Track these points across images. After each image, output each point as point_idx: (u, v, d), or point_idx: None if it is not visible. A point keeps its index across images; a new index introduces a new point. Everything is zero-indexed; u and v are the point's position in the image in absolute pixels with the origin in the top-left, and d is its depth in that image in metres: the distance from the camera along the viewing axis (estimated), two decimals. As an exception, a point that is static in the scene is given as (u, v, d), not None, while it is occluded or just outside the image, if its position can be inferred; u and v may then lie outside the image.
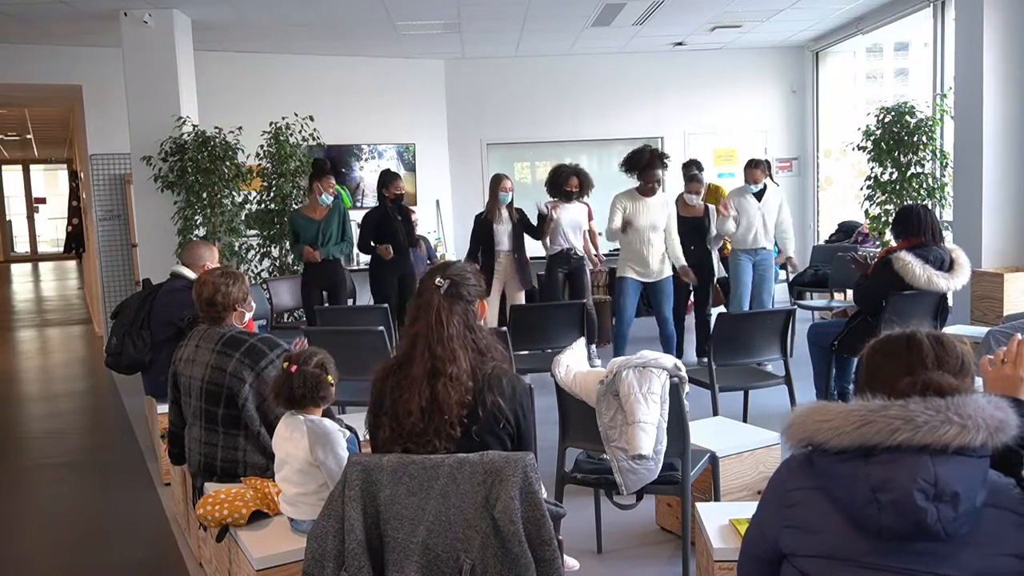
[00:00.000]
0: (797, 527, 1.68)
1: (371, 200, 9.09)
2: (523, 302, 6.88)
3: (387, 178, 7.02)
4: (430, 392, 2.23)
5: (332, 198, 6.77)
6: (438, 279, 2.33)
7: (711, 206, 6.98)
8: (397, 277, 6.91)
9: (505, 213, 6.88)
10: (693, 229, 6.78)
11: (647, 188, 6.35)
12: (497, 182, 6.90)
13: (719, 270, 7.64)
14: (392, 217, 6.90)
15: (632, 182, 6.52)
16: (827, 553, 1.63)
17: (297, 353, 2.82)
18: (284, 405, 2.77)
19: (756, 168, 6.80)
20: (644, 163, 6.32)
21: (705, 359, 6.77)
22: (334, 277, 6.77)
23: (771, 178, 6.99)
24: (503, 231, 6.86)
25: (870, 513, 1.56)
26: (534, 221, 7.04)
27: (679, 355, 6.98)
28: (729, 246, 7.74)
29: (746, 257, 6.84)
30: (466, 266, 2.43)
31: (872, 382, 1.72)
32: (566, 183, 6.99)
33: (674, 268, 6.58)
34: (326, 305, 6.73)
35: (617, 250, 6.87)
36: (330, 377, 2.78)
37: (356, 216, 8.10)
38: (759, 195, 6.76)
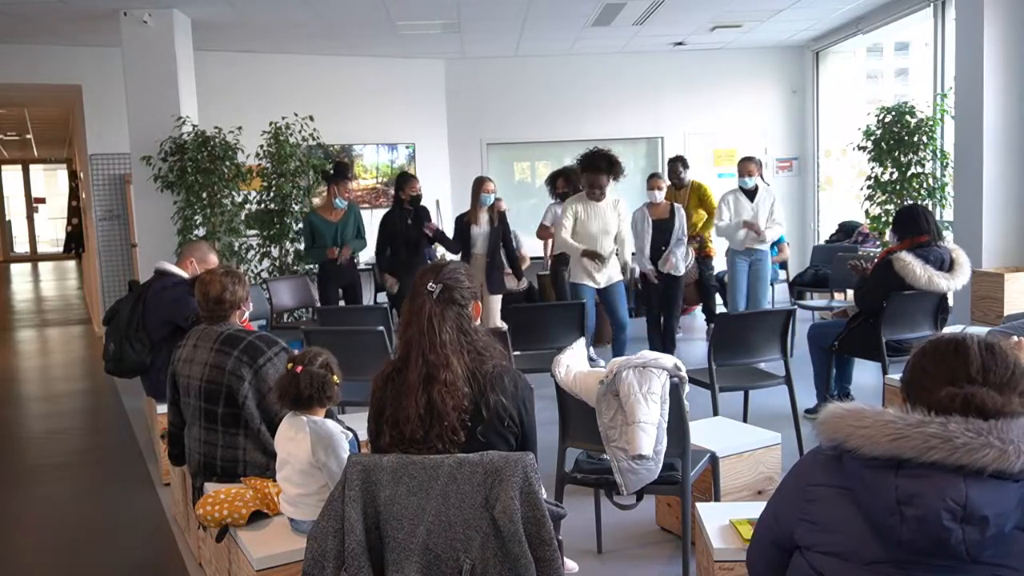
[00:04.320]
0: (814, 522, 1.67)
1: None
2: (498, 306, 6.78)
3: (402, 180, 7.01)
4: (427, 399, 2.21)
5: (346, 203, 6.86)
6: (430, 284, 2.30)
7: (677, 205, 6.92)
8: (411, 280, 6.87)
9: (485, 216, 6.82)
10: (662, 231, 6.72)
11: (591, 194, 6.13)
12: (480, 184, 6.85)
13: (694, 272, 7.62)
14: (402, 219, 6.87)
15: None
16: (842, 553, 1.62)
17: (301, 354, 2.82)
18: (289, 406, 2.77)
19: (750, 162, 6.78)
20: (592, 166, 6.08)
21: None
22: (351, 276, 6.90)
23: (763, 179, 6.97)
24: (479, 233, 6.80)
25: (892, 524, 1.53)
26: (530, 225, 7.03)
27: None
28: (711, 245, 7.75)
29: (741, 259, 6.82)
30: (459, 268, 2.39)
31: (913, 384, 1.68)
32: (556, 185, 7.07)
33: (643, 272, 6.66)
34: (341, 304, 6.79)
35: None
36: (335, 376, 2.79)
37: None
38: (751, 195, 6.73)
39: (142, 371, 4.70)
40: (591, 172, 6.09)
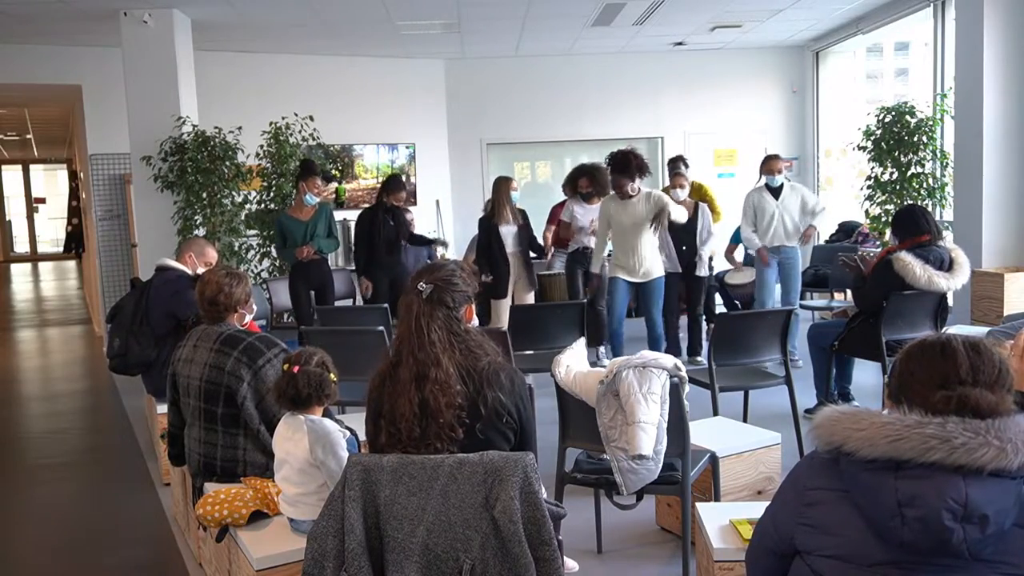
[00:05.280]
0: (814, 526, 1.67)
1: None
2: (532, 302, 6.86)
3: (391, 186, 6.98)
4: (420, 398, 2.21)
5: (317, 199, 6.75)
6: (421, 283, 2.29)
7: (703, 204, 6.91)
8: (388, 279, 6.90)
9: (510, 215, 6.86)
10: (684, 228, 6.66)
11: (621, 193, 6.11)
12: (507, 183, 6.85)
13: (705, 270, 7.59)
14: (382, 222, 6.87)
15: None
16: (843, 556, 1.62)
17: (296, 354, 2.82)
18: (288, 406, 2.77)
19: (777, 160, 6.69)
20: (619, 168, 6.07)
21: (697, 358, 6.81)
22: (321, 276, 6.76)
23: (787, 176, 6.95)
24: (509, 232, 6.81)
25: (893, 526, 1.54)
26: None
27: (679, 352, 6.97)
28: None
29: (770, 256, 6.71)
30: (455, 270, 2.37)
31: (904, 389, 1.68)
32: (578, 184, 7.09)
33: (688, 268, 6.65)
34: (314, 305, 6.75)
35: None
36: (332, 375, 2.79)
37: (346, 214, 8.13)
38: (776, 193, 6.67)
39: (147, 365, 4.71)
40: (615, 175, 6.09)
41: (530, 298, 6.91)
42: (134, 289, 5.01)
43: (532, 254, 7.10)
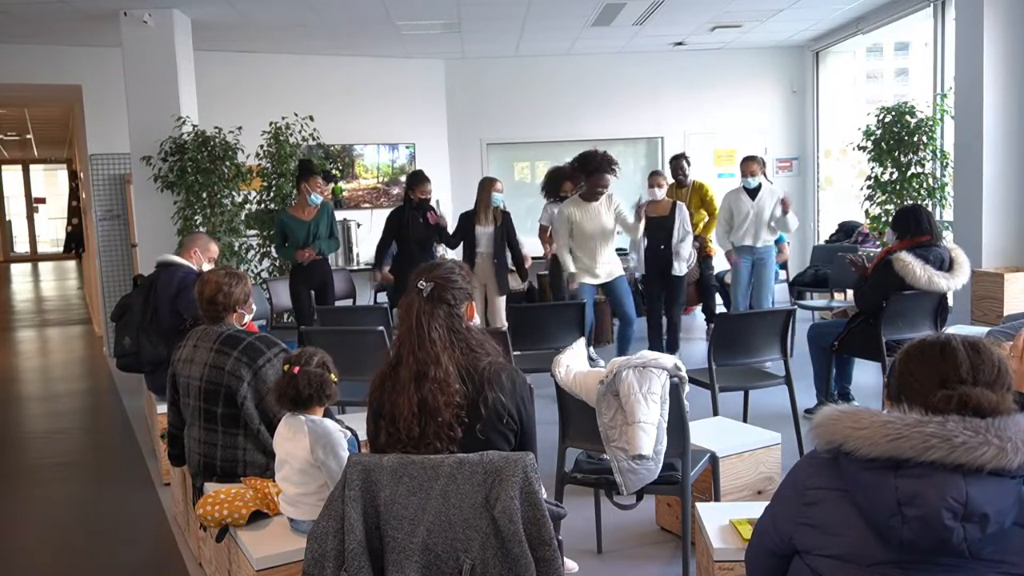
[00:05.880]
0: (814, 526, 1.67)
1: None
2: (504, 307, 6.79)
3: (414, 180, 6.96)
4: (419, 397, 2.22)
5: (320, 198, 6.74)
6: (421, 282, 2.30)
7: (680, 203, 6.86)
8: None
9: (489, 215, 6.81)
10: (661, 228, 6.66)
11: (594, 194, 6.17)
12: (491, 184, 6.84)
13: (695, 272, 7.58)
14: (411, 219, 6.82)
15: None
16: (843, 555, 1.62)
17: (296, 355, 2.82)
18: (288, 407, 2.77)
19: (752, 162, 6.77)
20: (593, 167, 6.14)
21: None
22: (321, 277, 6.75)
23: (766, 177, 6.96)
24: (484, 233, 6.78)
25: (893, 525, 1.54)
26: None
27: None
28: (711, 245, 7.74)
29: (744, 257, 6.80)
30: (454, 267, 2.39)
31: (904, 389, 1.68)
32: (560, 188, 7.06)
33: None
34: (314, 305, 6.75)
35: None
36: (333, 375, 2.79)
37: (345, 214, 8.03)
38: (753, 193, 6.72)
39: (160, 363, 4.69)
40: (596, 173, 6.12)
41: (501, 302, 6.82)
42: (138, 287, 5.01)
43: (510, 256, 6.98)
